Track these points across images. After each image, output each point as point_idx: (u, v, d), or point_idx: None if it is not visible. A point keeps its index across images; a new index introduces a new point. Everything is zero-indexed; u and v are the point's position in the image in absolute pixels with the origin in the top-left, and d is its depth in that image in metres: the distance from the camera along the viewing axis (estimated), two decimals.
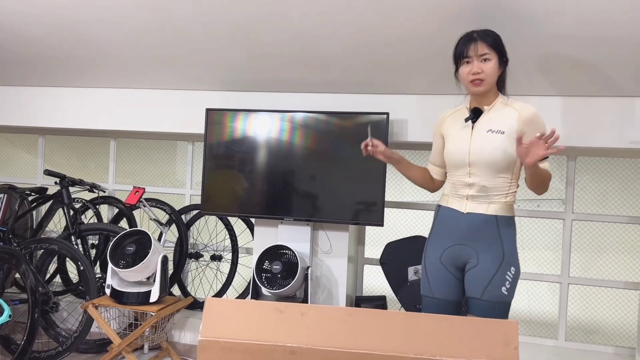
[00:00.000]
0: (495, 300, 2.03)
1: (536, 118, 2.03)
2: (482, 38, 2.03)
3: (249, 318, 1.86)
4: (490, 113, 2.08)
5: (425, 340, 1.76)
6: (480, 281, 2.05)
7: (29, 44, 3.20)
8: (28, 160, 4.33)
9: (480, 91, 2.05)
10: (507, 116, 2.05)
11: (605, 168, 3.35)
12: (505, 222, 2.07)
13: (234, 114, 3.13)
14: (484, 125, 2.07)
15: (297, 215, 3.04)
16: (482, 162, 2.04)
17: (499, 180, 2.05)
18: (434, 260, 2.16)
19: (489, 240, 2.06)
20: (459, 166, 2.11)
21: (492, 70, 2.03)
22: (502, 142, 2.02)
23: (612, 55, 2.53)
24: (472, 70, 2.03)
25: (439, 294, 2.16)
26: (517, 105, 2.06)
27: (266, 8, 2.58)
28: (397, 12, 2.46)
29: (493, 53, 2.03)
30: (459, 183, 2.12)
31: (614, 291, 3.38)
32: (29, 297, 3.06)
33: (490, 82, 2.04)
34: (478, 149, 2.05)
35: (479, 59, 2.02)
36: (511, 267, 2.05)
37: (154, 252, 2.97)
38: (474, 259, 2.08)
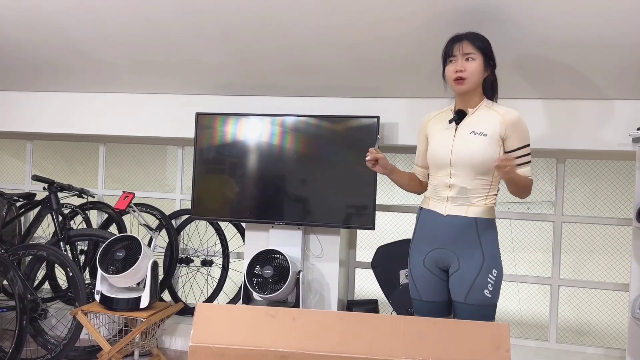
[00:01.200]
0: (478, 303, 2.05)
1: (519, 122, 2.06)
2: (469, 38, 2.07)
3: (240, 323, 1.85)
4: (474, 115, 2.11)
5: (417, 343, 1.76)
6: (462, 286, 2.07)
7: (16, 49, 3.17)
8: (16, 165, 4.29)
9: (463, 89, 2.07)
10: (491, 119, 2.07)
11: (595, 170, 3.38)
12: (485, 225, 2.09)
13: (224, 118, 3.12)
14: (467, 127, 2.09)
15: (288, 219, 3.03)
16: (463, 162, 2.06)
17: (478, 182, 2.07)
18: (417, 264, 2.18)
19: (469, 244, 2.07)
20: (441, 167, 2.13)
21: (475, 70, 2.05)
22: (484, 144, 2.04)
23: (593, 59, 2.55)
24: (456, 68, 2.06)
25: (426, 296, 2.18)
26: (501, 109, 2.09)
27: (256, 12, 2.57)
28: (387, 16, 2.47)
29: (478, 54, 2.05)
30: (440, 184, 2.14)
31: (604, 293, 3.40)
32: (17, 304, 3.02)
33: (473, 81, 2.06)
34: (460, 149, 2.07)
35: (463, 58, 2.05)
36: (492, 270, 2.07)
37: (144, 257, 2.94)
38: (455, 263, 2.10)
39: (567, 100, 2.91)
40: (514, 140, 2.06)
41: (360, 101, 3.19)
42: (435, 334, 1.77)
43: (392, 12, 2.44)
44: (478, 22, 2.37)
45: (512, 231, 3.74)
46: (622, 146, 2.82)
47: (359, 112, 3.16)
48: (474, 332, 1.76)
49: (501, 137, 2.06)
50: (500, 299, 3.65)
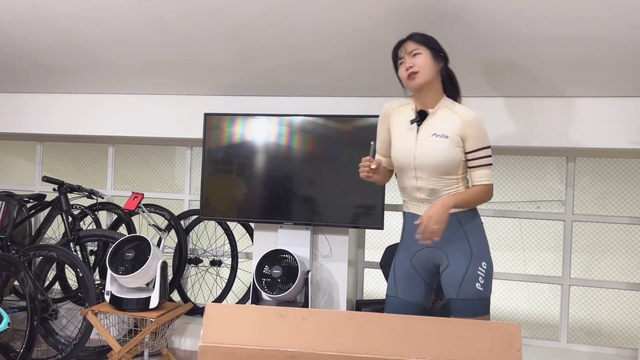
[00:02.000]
0: (471, 297, 2.04)
1: (478, 123, 2.05)
2: (409, 38, 2.10)
3: (250, 323, 1.85)
4: (434, 116, 2.10)
5: (427, 343, 1.75)
6: (453, 281, 2.06)
7: (26, 51, 3.20)
8: (26, 167, 4.32)
9: (419, 83, 2.06)
10: (451, 120, 2.07)
11: (605, 169, 3.35)
12: (468, 218, 2.09)
13: (232, 119, 3.12)
14: (429, 129, 2.09)
15: (297, 219, 3.03)
16: (427, 165, 2.06)
17: (445, 182, 2.08)
18: (404, 262, 2.18)
19: (455, 239, 2.08)
20: (405, 169, 2.13)
21: (425, 63, 2.05)
22: (445, 146, 2.04)
23: (602, 57, 2.53)
24: (405, 66, 2.07)
25: (403, 295, 2.16)
26: (459, 109, 2.08)
27: (263, 12, 2.58)
28: (393, 19, 2.46)
29: (422, 48, 2.06)
30: (409, 188, 2.14)
31: (616, 292, 3.37)
32: (28, 304, 3.04)
33: (426, 74, 2.05)
34: (422, 153, 2.07)
35: (410, 55, 2.07)
36: (482, 262, 2.07)
37: (153, 257, 2.95)
38: (444, 261, 2.10)
39: (577, 98, 2.89)
40: (472, 141, 2.04)
41: (368, 100, 3.19)
42: (446, 334, 1.76)
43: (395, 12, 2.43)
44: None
45: (521, 230, 3.72)
46: (633, 144, 2.80)
47: (367, 111, 3.15)
48: (485, 331, 1.75)
49: (461, 138, 2.05)
50: (511, 299, 3.65)
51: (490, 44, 2.58)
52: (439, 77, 2.11)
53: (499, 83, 2.88)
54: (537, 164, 3.48)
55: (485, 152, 2.06)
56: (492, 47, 2.59)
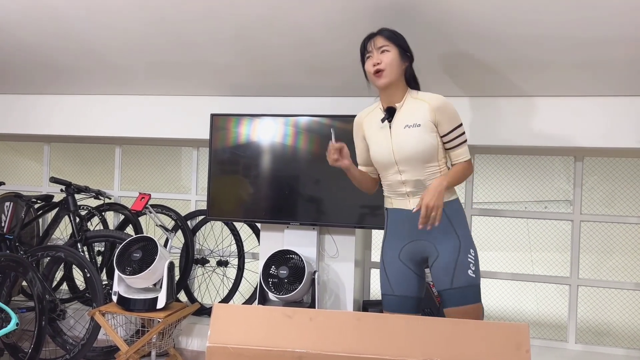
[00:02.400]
0: (465, 285, 2.06)
1: (446, 105, 2.08)
2: (380, 32, 2.12)
3: (257, 324, 1.85)
4: (403, 109, 2.13)
5: (434, 344, 1.74)
6: (446, 270, 2.07)
7: (34, 53, 3.21)
8: (34, 168, 4.34)
9: (383, 83, 2.09)
10: (419, 108, 2.09)
11: (613, 168, 3.33)
12: (452, 207, 2.12)
13: (239, 119, 3.13)
14: (400, 122, 2.11)
15: (303, 219, 3.02)
16: (407, 158, 2.08)
17: (429, 171, 2.10)
18: (392, 258, 2.19)
19: (442, 229, 2.10)
20: (387, 167, 2.15)
21: (392, 61, 2.08)
22: (420, 135, 2.06)
23: (610, 56, 2.52)
24: (373, 62, 2.10)
25: (399, 291, 2.17)
26: (426, 96, 2.11)
27: (268, 13, 2.58)
28: (399, 15, 2.46)
29: (391, 45, 2.09)
30: (394, 183, 2.15)
31: (624, 292, 3.34)
32: (36, 304, 3.06)
33: (392, 73, 2.08)
34: (400, 146, 2.09)
35: (378, 51, 2.09)
36: (470, 250, 2.09)
37: (160, 258, 2.96)
38: (433, 252, 2.11)
39: (585, 97, 2.88)
40: (445, 124, 2.08)
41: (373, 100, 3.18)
42: (454, 335, 1.75)
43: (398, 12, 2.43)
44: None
45: (529, 231, 3.70)
46: None
47: None
48: (493, 332, 1.74)
49: (433, 123, 2.08)
50: (518, 300, 3.63)
51: (497, 44, 2.57)
52: (404, 75, 2.15)
53: (506, 83, 2.87)
54: (544, 164, 3.46)
55: (458, 130, 2.10)
56: (497, 47, 2.58)
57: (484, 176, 3.47)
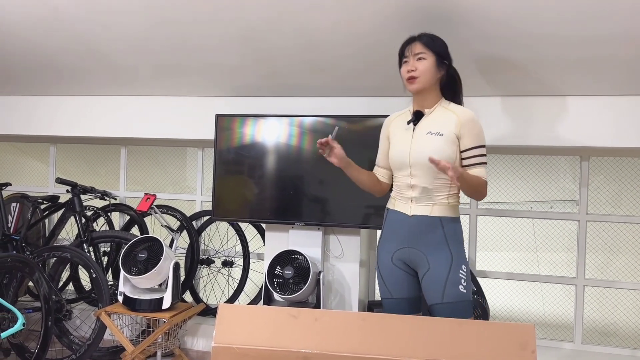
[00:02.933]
0: (456, 300, 2.06)
1: (474, 122, 2.07)
2: (419, 38, 2.11)
3: (262, 324, 1.85)
4: (431, 116, 2.13)
5: (440, 344, 1.74)
6: (436, 285, 2.07)
7: (40, 54, 3.23)
8: (39, 168, 4.36)
9: (415, 88, 2.10)
10: (447, 119, 2.09)
11: (620, 168, 3.31)
12: (450, 223, 2.10)
13: (244, 120, 3.13)
14: (425, 128, 2.11)
15: (308, 220, 3.02)
16: (421, 163, 2.08)
17: (439, 182, 2.09)
18: (386, 262, 2.19)
19: (436, 242, 2.09)
20: (401, 168, 2.15)
21: (427, 69, 2.07)
22: (440, 144, 2.06)
23: (615, 54, 2.50)
24: (407, 68, 2.10)
25: (397, 294, 2.19)
26: (457, 109, 2.10)
27: (273, 13, 2.58)
28: (403, 16, 2.45)
29: (429, 53, 2.08)
30: (403, 185, 2.16)
31: (631, 293, 3.33)
32: (42, 305, 3.07)
33: (425, 80, 2.08)
34: (417, 150, 2.09)
35: (414, 58, 2.09)
36: (462, 266, 2.09)
37: (166, 258, 2.97)
38: (424, 264, 2.10)
39: (591, 96, 2.86)
40: (468, 139, 2.06)
41: (379, 100, 3.18)
42: (459, 335, 1.75)
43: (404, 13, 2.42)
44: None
45: (534, 231, 3.69)
46: None
47: (377, 111, 3.14)
48: (499, 333, 1.74)
49: (457, 137, 2.07)
50: (524, 300, 3.62)
51: (503, 44, 2.56)
52: (439, 82, 2.14)
53: (512, 82, 2.86)
54: (550, 164, 3.45)
55: (480, 150, 2.07)
56: (504, 46, 2.57)
57: (490, 176, 3.46)
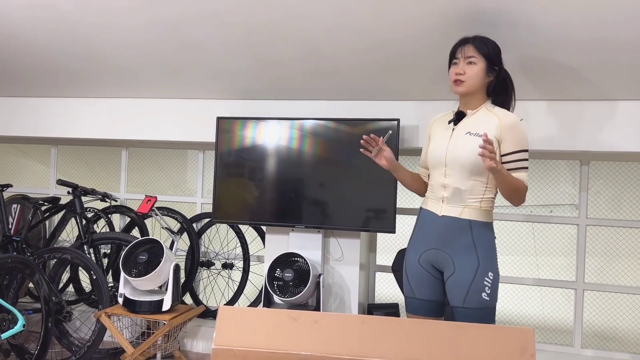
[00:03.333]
0: (477, 306, 2.04)
1: (516, 126, 2.04)
2: (473, 42, 2.09)
3: (263, 326, 1.85)
4: (472, 117, 2.12)
5: (440, 347, 1.74)
6: (459, 289, 2.06)
7: (40, 57, 3.24)
8: (41, 170, 4.37)
9: (460, 91, 2.10)
10: (488, 121, 2.07)
11: (619, 172, 3.32)
12: (480, 228, 2.07)
13: (244, 122, 3.14)
14: (464, 128, 2.10)
15: (308, 222, 3.03)
16: (456, 162, 2.07)
17: (472, 183, 2.06)
18: (413, 262, 2.19)
19: (463, 246, 2.06)
20: (436, 166, 2.14)
21: (475, 74, 2.07)
22: (477, 145, 2.00)
23: (618, 60, 2.51)
24: (456, 70, 2.09)
25: (420, 294, 2.18)
26: (500, 112, 2.09)
27: (275, 17, 2.59)
28: (405, 21, 2.46)
29: (480, 58, 2.07)
30: (436, 184, 2.15)
31: (631, 297, 3.33)
32: (43, 306, 3.08)
33: (471, 84, 2.08)
34: (454, 150, 2.08)
35: (465, 61, 2.08)
36: (489, 273, 2.05)
37: (166, 260, 2.97)
38: (450, 266, 2.09)
39: (592, 101, 2.87)
40: (509, 143, 2.03)
41: (380, 104, 3.19)
42: (459, 338, 1.75)
43: (410, 17, 2.43)
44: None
45: (534, 235, 3.69)
46: None
47: (379, 115, 3.15)
48: (499, 336, 1.74)
49: (497, 140, 2.04)
50: (524, 304, 3.62)
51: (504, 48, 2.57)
52: (486, 86, 2.13)
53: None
54: (550, 168, 3.45)
55: (522, 155, 2.04)
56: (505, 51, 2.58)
57: None
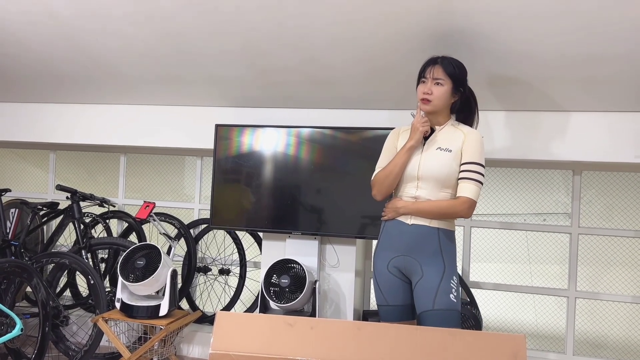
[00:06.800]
0: (446, 308, 2.11)
1: (477, 140, 2.17)
2: (442, 63, 2.19)
3: (259, 331, 1.89)
4: (440, 133, 2.22)
5: (433, 353, 1.78)
6: (428, 292, 2.13)
7: (42, 63, 3.28)
8: (39, 175, 4.40)
9: (427, 110, 2.20)
10: (455, 137, 2.19)
11: (611, 182, 3.37)
12: (446, 236, 2.18)
13: (243, 130, 3.18)
14: (434, 144, 2.21)
15: (305, 229, 3.07)
16: (429, 176, 2.16)
17: (442, 195, 2.17)
18: (382, 270, 2.25)
19: (431, 251, 2.16)
20: (408, 179, 2.22)
21: (442, 95, 2.17)
22: (449, 160, 2.16)
23: (607, 73, 2.57)
24: (424, 90, 2.18)
25: (392, 301, 2.24)
26: (465, 128, 2.22)
27: (273, 28, 2.64)
28: (398, 34, 2.52)
29: (447, 79, 2.17)
30: (406, 196, 2.22)
31: (622, 305, 3.38)
32: (40, 310, 3.09)
33: (438, 104, 2.19)
34: (426, 164, 2.17)
35: (433, 82, 2.18)
36: (453, 277, 2.16)
37: (164, 266, 3.00)
38: (418, 272, 2.17)
39: (583, 112, 2.93)
40: (467, 154, 2.16)
41: (376, 113, 3.24)
42: (452, 344, 1.79)
43: (403, 30, 2.49)
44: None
45: (528, 243, 3.74)
46: (638, 158, 2.83)
47: (376, 123, 3.20)
48: (490, 342, 1.78)
49: (460, 152, 2.17)
50: (517, 311, 3.66)
51: (499, 62, 2.62)
52: (450, 104, 2.23)
53: (508, 97, 2.92)
54: (544, 177, 3.51)
55: (476, 167, 2.14)
56: (501, 65, 2.64)
57: (484, 189, 3.51)
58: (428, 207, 2.14)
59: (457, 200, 2.13)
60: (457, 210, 2.13)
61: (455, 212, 2.14)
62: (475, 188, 2.13)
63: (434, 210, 2.14)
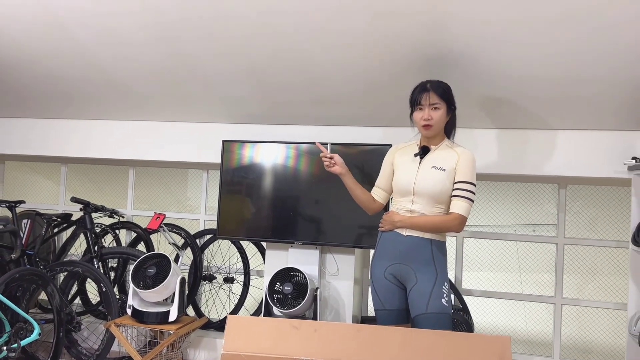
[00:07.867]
0: (439, 311, 2.29)
1: (470, 160, 2.35)
2: (434, 89, 2.37)
3: (267, 334, 2.06)
4: (436, 152, 2.41)
5: (425, 354, 1.95)
6: (422, 297, 2.31)
7: (56, 82, 3.45)
8: (50, 187, 4.55)
9: (430, 134, 2.40)
10: (449, 157, 2.38)
11: (595, 195, 3.56)
12: (438, 246, 2.37)
13: (247, 145, 3.35)
14: (430, 162, 2.39)
15: (306, 239, 3.23)
16: (424, 192, 2.35)
17: (435, 210, 2.36)
18: (379, 276, 2.44)
19: (424, 260, 2.34)
20: (404, 194, 2.41)
21: (441, 117, 2.37)
22: (442, 178, 2.34)
23: (591, 94, 2.77)
24: (423, 116, 2.36)
25: (389, 305, 2.43)
26: (459, 149, 2.40)
27: (277, 50, 2.82)
28: (394, 59, 2.71)
29: (442, 103, 2.36)
30: (402, 209, 2.41)
31: (606, 312, 3.54)
32: (55, 316, 3.25)
33: (439, 127, 2.38)
34: (422, 181, 2.36)
35: (430, 107, 2.36)
36: (444, 283, 2.35)
37: (173, 274, 3.17)
38: (413, 278, 2.35)
39: (566, 130, 3.12)
40: (460, 173, 2.34)
41: (374, 130, 3.42)
42: (443, 346, 1.96)
43: (399, 51, 2.68)
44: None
45: (518, 252, 3.91)
46: (617, 173, 3.02)
47: (370, 140, 3.38)
48: (477, 344, 1.95)
49: (454, 171, 2.35)
50: (507, 318, 3.82)
51: (490, 84, 2.82)
52: (445, 125, 2.43)
53: (498, 116, 3.12)
54: (533, 190, 3.69)
55: (468, 186, 2.33)
56: (491, 86, 2.83)
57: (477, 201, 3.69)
58: (423, 222, 2.33)
59: (449, 216, 2.31)
60: (449, 225, 2.31)
61: (448, 227, 2.32)
62: (466, 205, 2.31)
63: (428, 225, 2.33)
